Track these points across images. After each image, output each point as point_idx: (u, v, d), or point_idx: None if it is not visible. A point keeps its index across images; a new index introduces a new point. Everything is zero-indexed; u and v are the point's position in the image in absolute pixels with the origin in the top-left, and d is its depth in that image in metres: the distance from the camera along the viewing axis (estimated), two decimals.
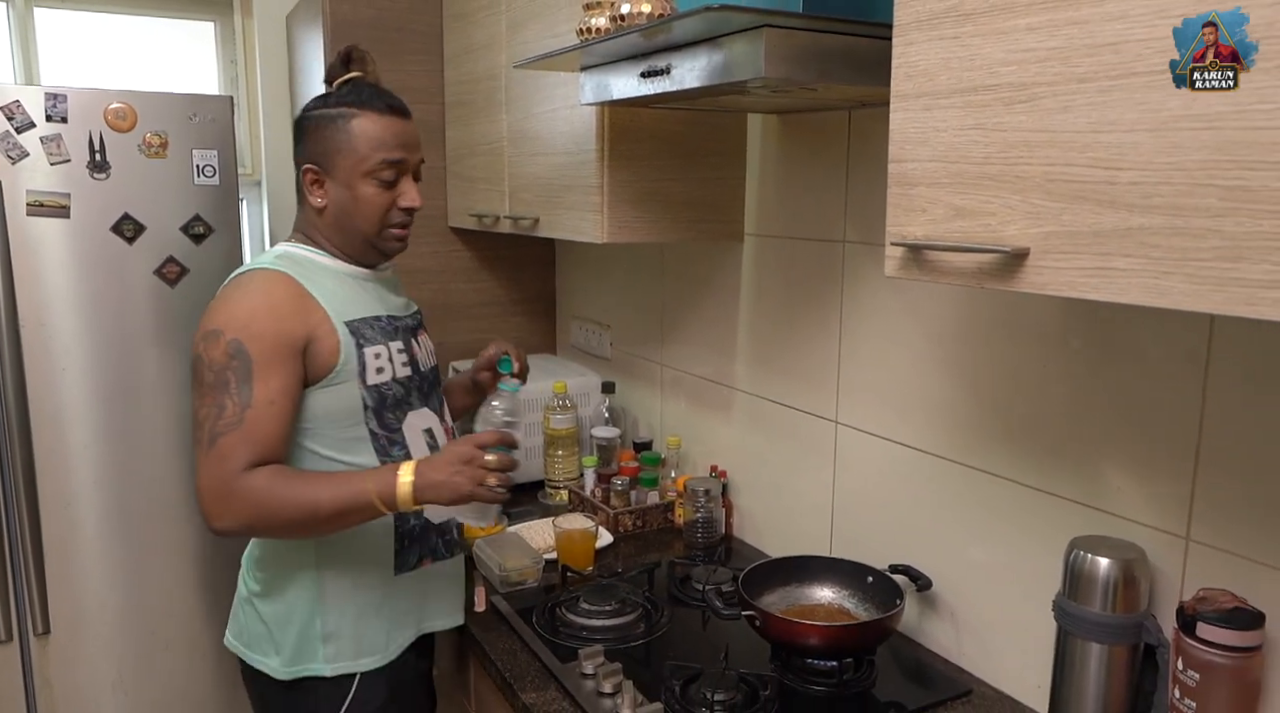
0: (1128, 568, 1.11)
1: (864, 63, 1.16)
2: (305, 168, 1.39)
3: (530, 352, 2.76)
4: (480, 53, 2.22)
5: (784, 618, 1.35)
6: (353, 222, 1.39)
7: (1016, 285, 0.90)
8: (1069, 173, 0.83)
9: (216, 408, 1.26)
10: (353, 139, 1.37)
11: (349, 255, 1.43)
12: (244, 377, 1.27)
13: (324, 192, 1.39)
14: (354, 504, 1.29)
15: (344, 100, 1.38)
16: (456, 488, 1.29)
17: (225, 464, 1.25)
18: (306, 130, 1.40)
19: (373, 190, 1.38)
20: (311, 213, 1.42)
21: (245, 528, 1.28)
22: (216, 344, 1.28)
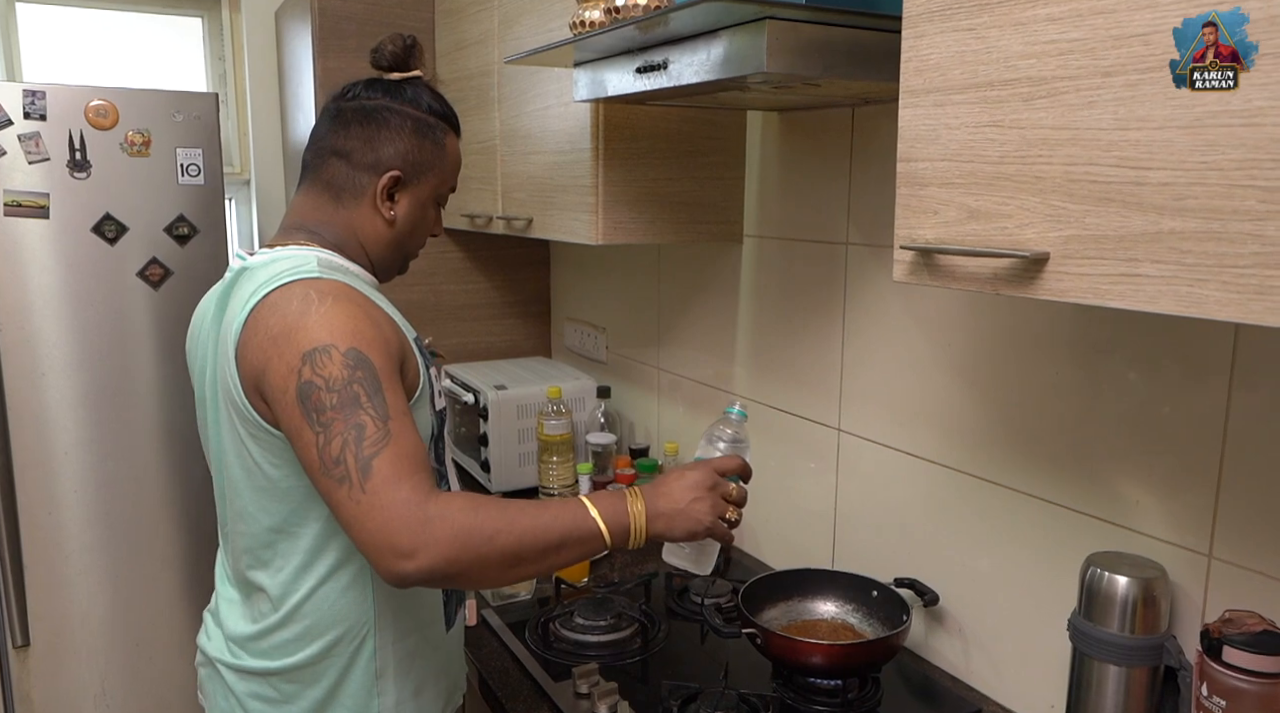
0: (1148, 587, 1.06)
1: (871, 57, 1.11)
2: (392, 173, 1.19)
3: (524, 355, 2.71)
4: (472, 49, 2.17)
5: (786, 636, 1.29)
6: (411, 242, 1.26)
7: (1035, 292, 0.85)
8: (1093, 173, 0.78)
9: (354, 430, 0.98)
10: (445, 159, 1.25)
11: (373, 269, 1.25)
12: (373, 387, 1.01)
13: (393, 203, 1.21)
14: (576, 531, 1.04)
15: (437, 112, 1.24)
16: (696, 520, 1.10)
17: (396, 490, 0.97)
18: (401, 129, 1.20)
19: (435, 213, 1.28)
20: (366, 220, 1.21)
21: (446, 565, 0.96)
22: (330, 360, 1.00)
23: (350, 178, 1.20)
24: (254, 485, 1.11)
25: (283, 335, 1.03)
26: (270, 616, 1.14)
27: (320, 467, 0.99)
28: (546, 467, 2.14)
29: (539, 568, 1.04)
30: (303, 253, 1.14)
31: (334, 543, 1.12)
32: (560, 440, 2.13)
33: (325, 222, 1.20)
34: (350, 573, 1.13)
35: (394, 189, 1.21)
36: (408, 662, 1.19)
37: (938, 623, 1.46)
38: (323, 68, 2.33)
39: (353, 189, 1.20)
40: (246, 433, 1.09)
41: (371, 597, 1.15)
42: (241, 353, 1.05)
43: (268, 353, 1.03)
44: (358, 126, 1.20)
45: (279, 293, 1.06)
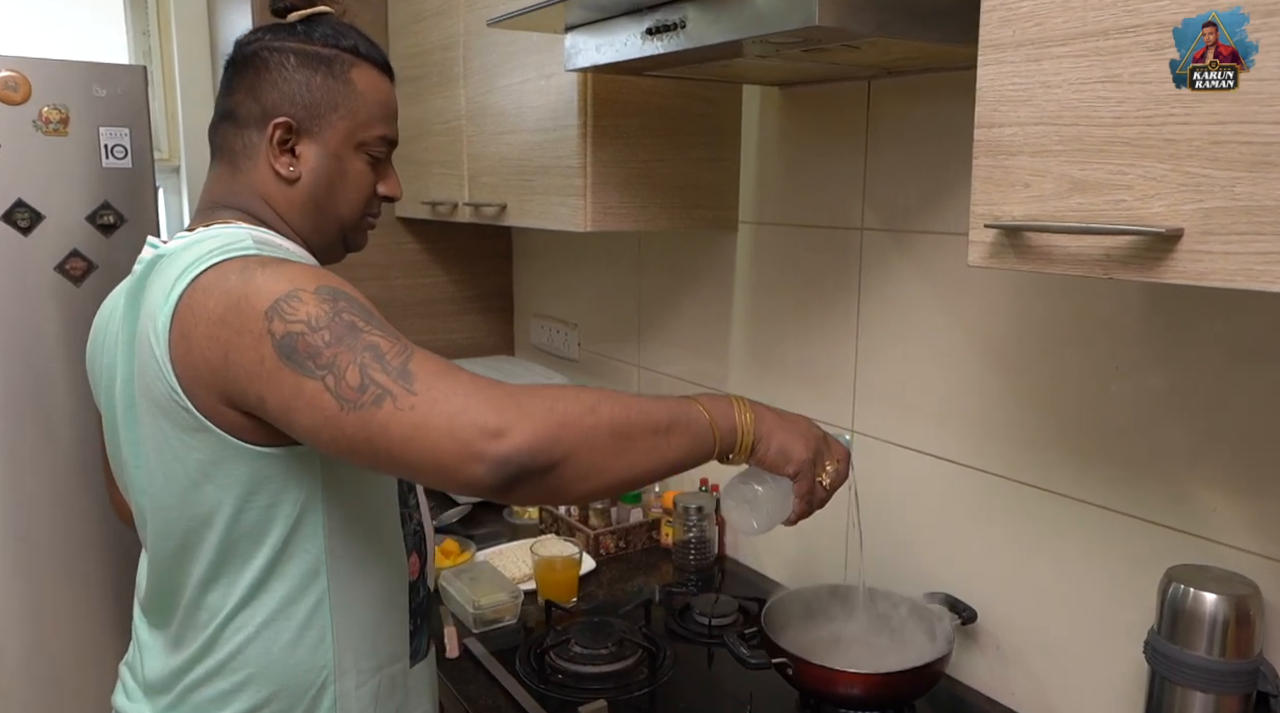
0: (1240, 605, 0.96)
1: (930, 12, 0.98)
2: (277, 120, 0.99)
3: (486, 353, 2.54)
4: (433, 20, 1.99)
5: (823, 666, 1.16)
6: (334, 202, 1.04)
7: (1163, 275, 0.72)
8: (1247, 133, 0.66)
9: (368, 351, 0.81)
10: (354, 96, 1.02)
11: (309, 246, 1.05)
12: (365, 314, 0.85)
13: (296, 157, 1.01)
14: (689, 419, 0.89)
15: (334, 40, 1.02)
16: (794, 456, 0.96)
17: (458, 375, 0.80)
18: (280, 68, 1.00)
19: (362, 166, 1.05)
20: (266, 182, 1.01)
21: (549, 441, 0.78)
22: (301, 303, 0.83)
23: (241, 138, 1.02)
24: (192, 509, 0.92)
25: (233, 311, 0.85)
26: (202, 662, 0.96)
27: (341, 406, 0.79)
28: None
29: (651, 460, 0.86)
30: (233, 230, 0.96)
31: (287, 570, 0.94)
32: None
33: (235, 193, 1.02)
34: (306, 608, 0.95)
35: (288, 139, 1.01)
36: (369, 708, 1.01)
37: (970, 640, 1.34)
38: None
39: (246, 151, 1.02)
40: (184, 442, 0.90)
41: (332, 636, 0.97)
42: (179, 350, 0.87)
43: (223, 339, 0.84)
44: (239, 78, 1.02)
45: (211, 273, 0.87)
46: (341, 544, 0.97)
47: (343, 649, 0.98)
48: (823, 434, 1.02)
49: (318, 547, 0.95)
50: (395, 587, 1.03)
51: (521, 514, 1.99)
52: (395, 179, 1.11)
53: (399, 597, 1.04)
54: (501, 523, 1.99)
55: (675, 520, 1.76)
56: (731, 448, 0.93)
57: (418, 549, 1.07)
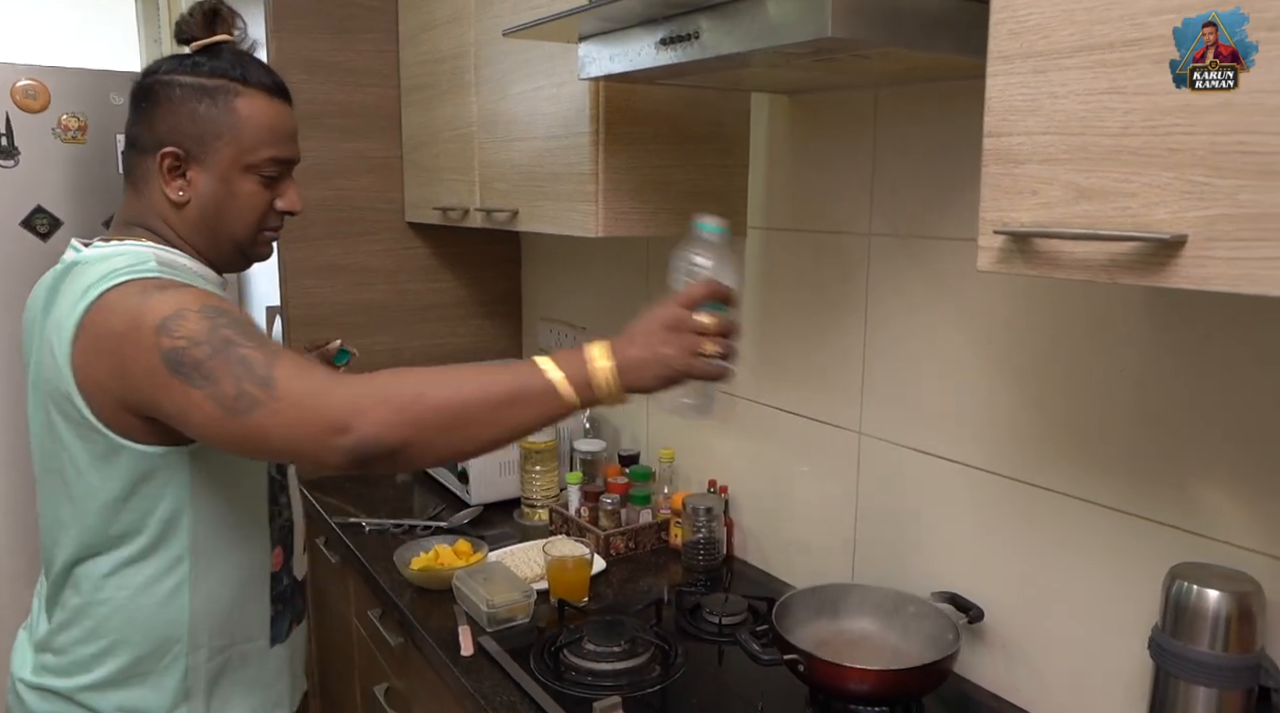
0: (1242, 601, 0.98)
1: (940, 24, 1.00)
2: (165, 151, 1.09)
3: (493, 357, 2.56)
4: (444, 29, 2.02)
5: (833, 663, 1.19)
6: (224, 223, 1.14)
7: (1167, 280, 0.75)
8: (1250, 142, 0.68)
9: (240, 364, 0.95)
10: (238, 124, 1.10)
11: (208, 260, 1.17)
12: (241, 329, 0.98)
13: (186, 183, 1.11)
14: (532, 388, 0.96)
15: (224, 71, 1.10)
16: (667, 363, 0.98)
17: (311, 377, 0.95)
18: (168, 101, 1.10)
19: (253, 187, 1.13)
20: (160, 204, 1.12)
21: (386, 430, 0.91)
22: (185, 320, 0.97)
23: (139, 164, 1.13)
24: (75, 491, 1.07)
25: (131, 327, 0.98)
26: (77, 625, 1.11)
27: (223, 413, 0.95)
28: (529, 476, 2.01)
29: (493, 432, 0.97)
30: (139, 250, 1.09)
31: (156, 555, 1.09)
32: (544, 448, 1.99)
33: (140, 213, 1.13)
34: (168, 588, 1.10)
35: (178, 166, 1.10)
36: (216, 679, 1.17)
37: (977, 639, 1.36)
38: (277, 49, 2.16)
39: (144, 175, 1.13)
40: (73, 435, 1.05)
41: (188, 614, 1.12)
42: (80, 360, 1.01)
43: (122, 353, 0.99)
44: (135, 109, 1.13)
45: (115, 293, 1.01)
46: (207, 534, 1.11)
47: (197, 626, 1.13)
48: (671, 315, 1.00)
49: (185, 536, 1.10)
50: (257, 576, 1.18)
51: (531, 516, 2.02)
52: (295, 194, 1.19)
53: (260, 585, 1.19)
54: (512, 524, 2.01)
55: (684, 522, 1.78)
56: (597, 399, 0.98)
57: (283, 543, 1.22)
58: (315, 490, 2.21)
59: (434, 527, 1.95)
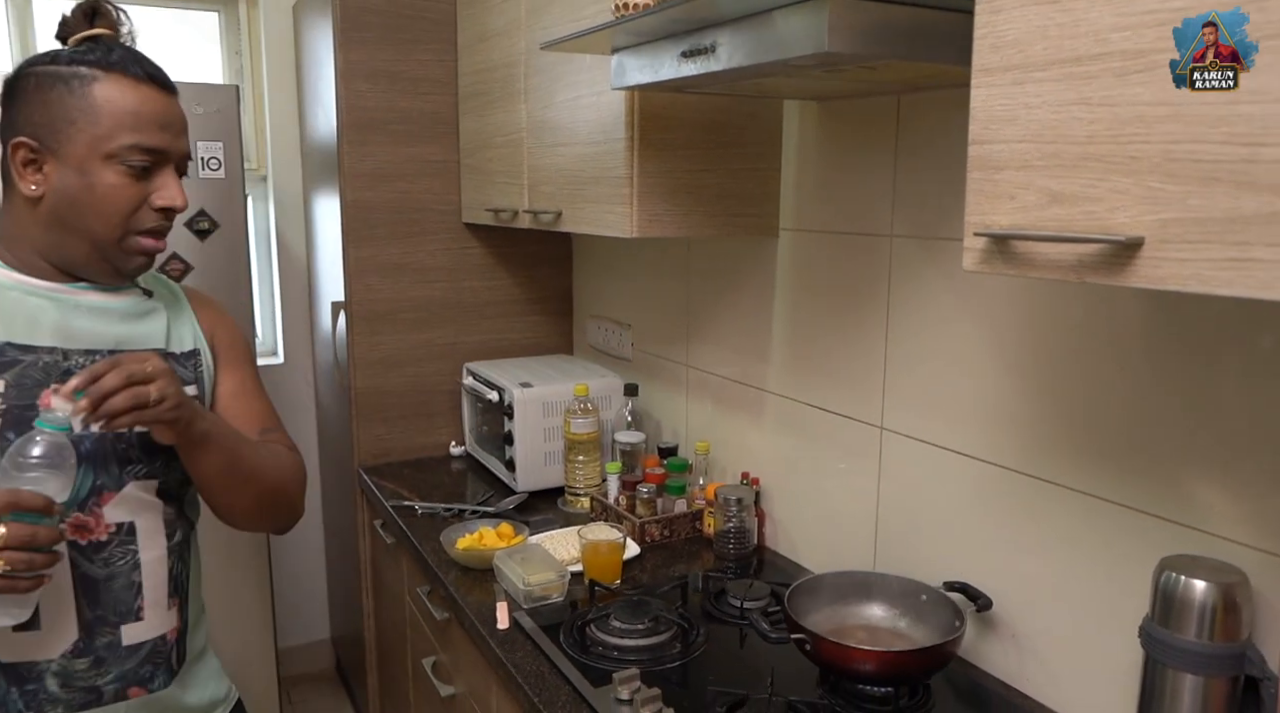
0: (1228, 592, 1.01)
1: (935, 37, 1.06)
2: (16, 142, 1.03)
3: (546, 352, 2.67)
4: (497, 40, 2.12)
5: (837, 642, 1.25)
6: (82, 219, 1.04)
7: (1127, 279, 0.80)
8: (1197, 151, 0.73)
9: None
10: (93, 109, 1.02)
11: (58, 267, 1.07)
12: None
13: (43, 176, 1.03)
14: None
15: (82, 58, 1.04)
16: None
17: None
18: (22, 93, 1.04)
19: (116, 179, 1.04)
20: (19, 205, 1.05)
21: None
22: None
23: (4, 162, 1.06)
24: None
25: None
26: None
27: None
28: (573, 466, 2.10)
29: None
30: None
31: None
32: (587, 439, 2.09)
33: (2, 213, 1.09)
34: None
35: (32, 158, 1.03)
36: None
37: (988, 628, 1.40)
38: (344, 60, 2.29)
39: (6, 173, 1.06)
40: None
41: None
42: None
43: None
44: (3, 108, 1.06)
45: None
46: None
47: None
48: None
49: None
50: None
51: (574, 504, 2.11)
52: (175, 188, 1.08)
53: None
54: (555, 511, 2.11)
55: (716, 511, 1.85)
56: None
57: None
58: (374, 476, 2.34)
59: (482, 511, 2.06)
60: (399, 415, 2.49)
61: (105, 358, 1.04)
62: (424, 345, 2.50)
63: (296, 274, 3.01)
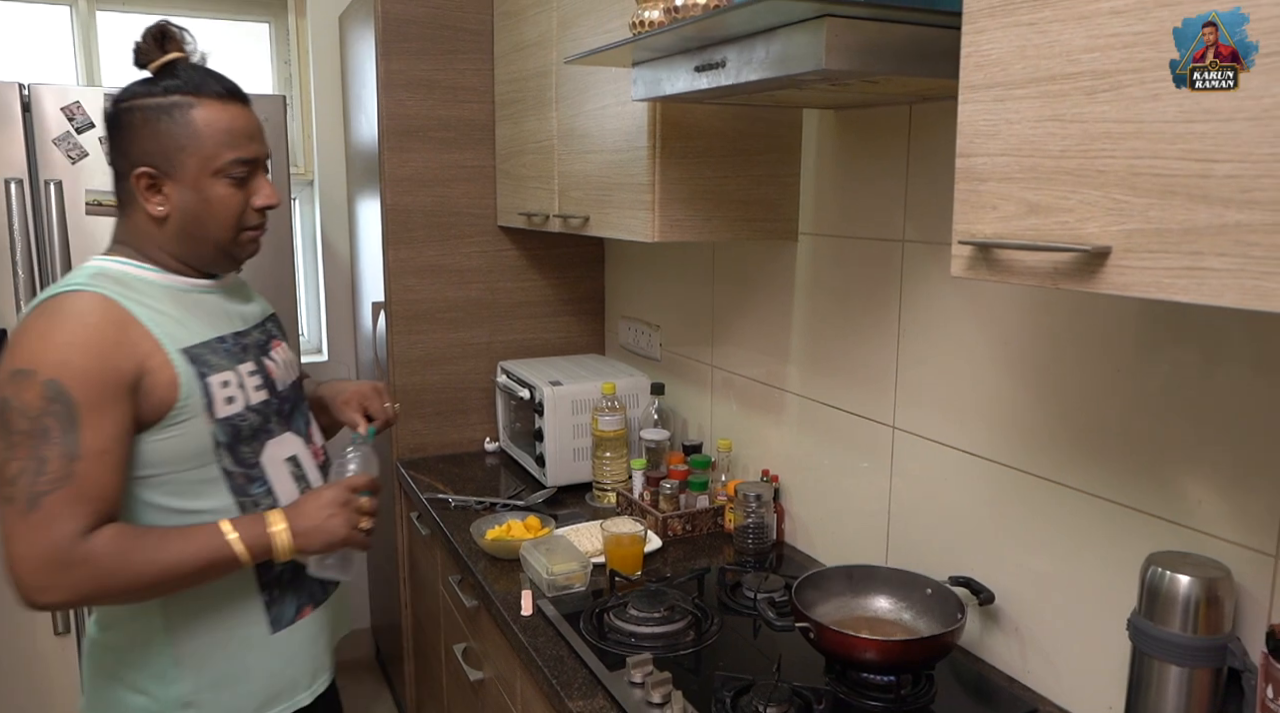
0: (1211, 587, 1.05)
1: (929, 54, 1.11)
2: (139, 172, 1.17)
3: (578, 351, 2.75)
4: (531, 50, 2.20)
5: (839, 631, 1.30)
6: (204, 228, 1.21)
7: (1096, 286, 0.84)
8: (1157, 166, 0.78)
9: (34, 462, 1.06)
10: (197, 134, 1.17)
11: (192, 267, 1.25)
12: (68, 424, 1.07)
13: (164, 197, 1.19)
14: (216, 560, 1.15)
15: (176, 87, 1.17)
16: (333, 533, 1.23)
17: (54, 529, 1.06)
18: (131, 126, 1.18)
19: (226, 190, 1.21)
20: (145, 222, 1.21)
21: (81, 600, 1.09)
22: (30, 386, 1.07)
23: (121, 188, 1.22)
24: None
25: (11, 342, 1.12)
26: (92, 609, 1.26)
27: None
28: (600, 462, 2.17)
29: (178, 590, 1.17)
30: (88, 264, 1.21)
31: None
32: (614, 436, 2.16)
33: (127, 232, 1.24)
34: None
35: (153, 185, 1.19)
36: (206, 655, 1.24)
37: (993, 622, 1.45)
38: (385, 69, 2.39)
39: (126, 197, 1.22)
40: None
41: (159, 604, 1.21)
42: None
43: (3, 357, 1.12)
44: (109, 138, 1.21)
45: (38, 306, 1.14)
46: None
47: (170, 612, 1.21)
48: (341, 494, 1.25)
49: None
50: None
51: (602, 499, 2.18)
52: (269, 188, 1.26)
53: (240, 574, 1.23)
54: (583, 505, 2.18)
55: (737, 507, 1.91)
56: (272, 559, 1.21)
57: None
58: (411, 470, 2.44)
59: (513, 505, 2.14)
60: (435, 412, 2.58)
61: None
62: (460, 344, 2.60)
63: (340, 275, 3.13)
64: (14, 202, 2.07)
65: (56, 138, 2.10)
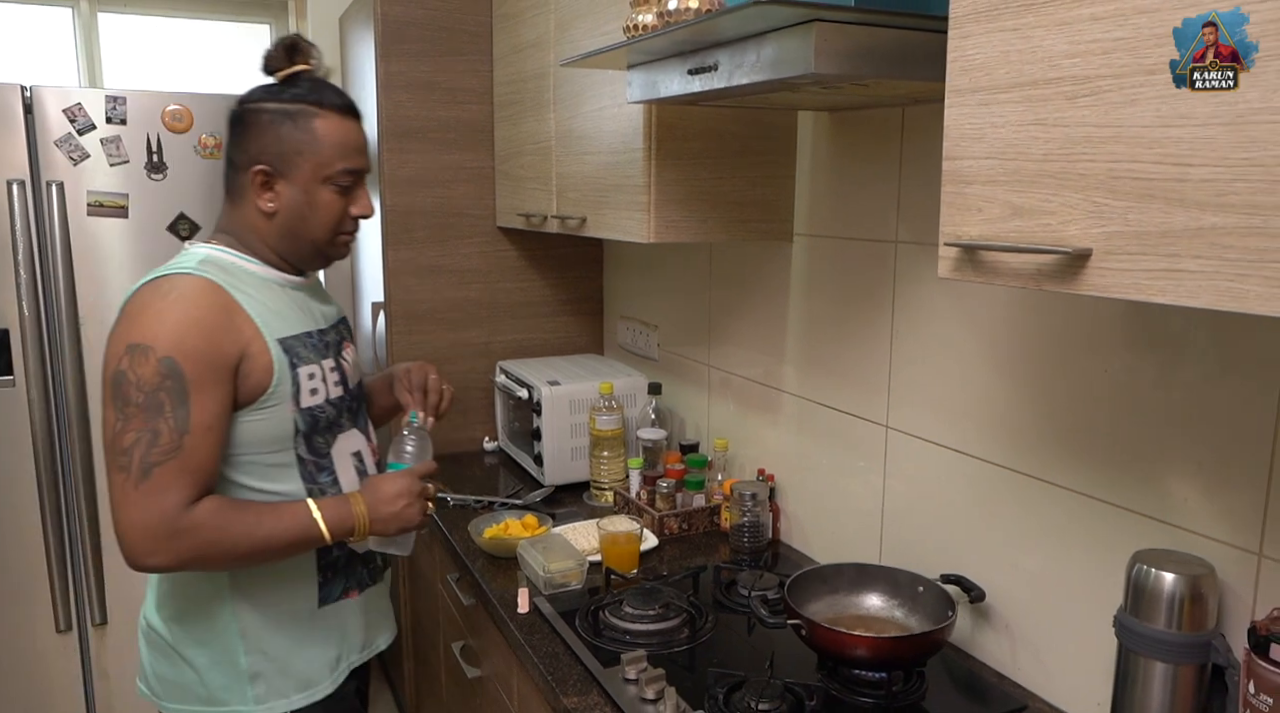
0: (1195, 584, 1.06)
1: (917, 58, 1.12)
2: (256, 169, 1.27)
3: (577, 351, 2.76)
4: (529, 52, 2.22)
5: (831, 628, 1.31)
6: (306, 228, 1.31)
7: (1077, 287, 0.86)
8: (1135, 169, 0.79)
9: (149, 434, 1.14)
10: (316, 141, 1.28)
11: (288, 262, 1.35)
12: (180, 399, 1.15)
13: (275, 194, 1.29)
14: (304, 537, 1.25)
15: (302, 97, 1.28)
16: (409, 520, 1.34)
17: (163, 499, 1.14)
18: (256, 125, 1.28)
19: (331, 197, 1.31)
20: (253, 215, 1.30)
21: (181, 566, 1.18)
22: (146, 361, 1.15)
23: (234, 180, 1.31)
24: None
25: (123, 319, 1.19)
26: (154, 587, 1.36)
27: (110, 445, 1.16)
28: (598, 461, 2.19)
29: (266, 563, 1.27)
30: (194, 250, 1.29)
31: None
32: (612, 436, 2.17)
33: (233, 223, 1.33)
34: None
35: (267, 182, 1.28)
36: (275, 628, 1.33)
37: (984, 619, 1.46)
38: (385, 71, 2.41)
39: (238, 190, 1.31)
40: None
41: (228, 578, 1.30)
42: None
43: (112, 332, 1.20)
44: (232, 133, 1.31)
45: (148, 285, 1.22)
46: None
47: (235, 580, 1.30)
48: (415, 484, 1.36)
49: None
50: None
51: (599, 498, 2.20)
52: (366, 200, 1.37)
53: (302, 557, 1.33)
54: (580, 504, 2.20)
55: (732, 506, 1.92)
56: (346, 540, 1.31)
57: None
58: None
59: (510, 503, 2.16)
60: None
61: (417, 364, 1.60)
62: (459, 344, 2.61)
63: (341, 275, 3.14)
64: (16, 203, 2.08)
65: (58, 139, 2.11)
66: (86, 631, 2.29)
